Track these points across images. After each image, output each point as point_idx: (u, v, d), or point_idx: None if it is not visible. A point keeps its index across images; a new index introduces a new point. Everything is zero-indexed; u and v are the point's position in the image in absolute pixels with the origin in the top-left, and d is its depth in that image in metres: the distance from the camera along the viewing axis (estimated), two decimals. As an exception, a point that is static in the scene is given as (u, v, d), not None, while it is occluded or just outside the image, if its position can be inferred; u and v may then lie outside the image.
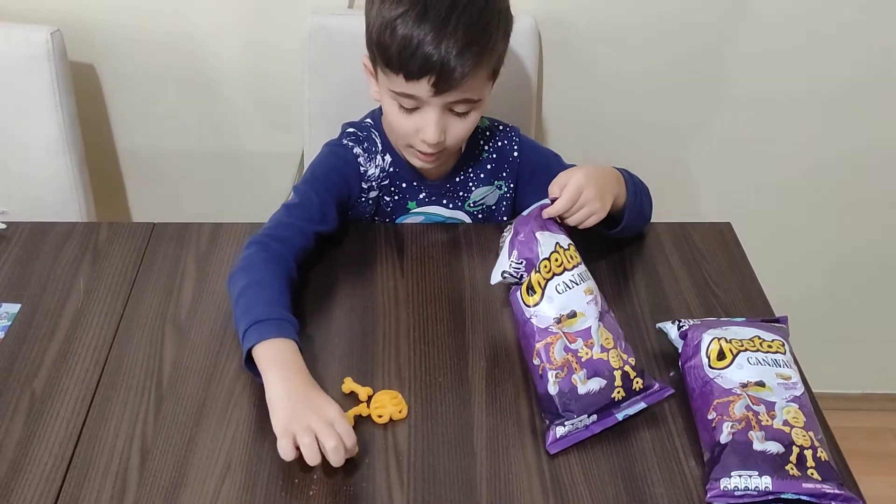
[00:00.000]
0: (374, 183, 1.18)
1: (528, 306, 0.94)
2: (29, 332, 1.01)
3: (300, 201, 1.11)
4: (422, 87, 1.02)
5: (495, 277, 0.98)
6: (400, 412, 0.92)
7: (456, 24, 1.00)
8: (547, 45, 1.43)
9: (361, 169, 1.17)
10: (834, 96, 1.51)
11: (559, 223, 1.02)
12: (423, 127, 1.06)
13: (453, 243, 1.16)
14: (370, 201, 1.19)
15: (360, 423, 0.91)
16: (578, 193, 1.01)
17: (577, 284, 0.94)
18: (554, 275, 0.94)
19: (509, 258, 0.97)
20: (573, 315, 0.92)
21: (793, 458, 0.83)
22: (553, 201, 1.01)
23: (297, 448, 0.83)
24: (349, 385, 0.94)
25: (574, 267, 0.95)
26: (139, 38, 1.43)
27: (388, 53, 1.02)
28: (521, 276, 0.96)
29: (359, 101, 1.23)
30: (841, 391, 1.93)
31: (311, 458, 0.83)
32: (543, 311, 0.93)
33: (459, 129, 1.09)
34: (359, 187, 1.18)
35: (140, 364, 0.97)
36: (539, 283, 0.93)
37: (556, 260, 0.94)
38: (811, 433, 0.86)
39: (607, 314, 0.96)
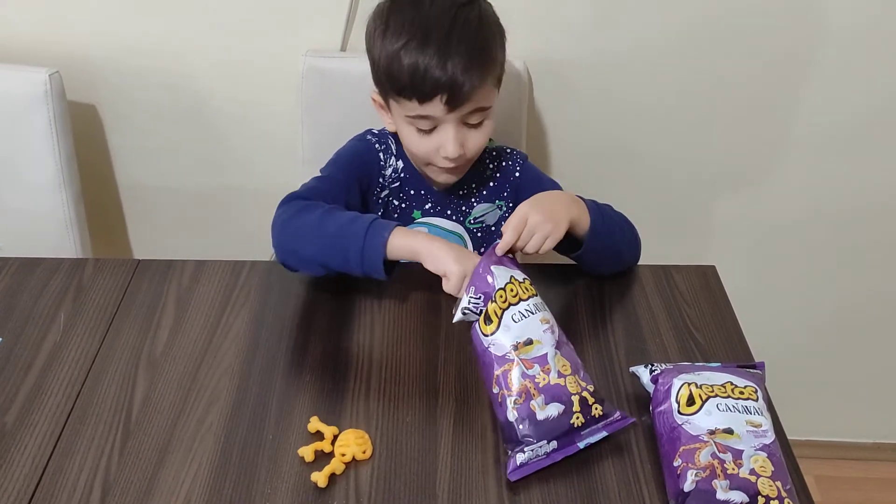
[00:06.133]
0: (387, 183, 1.23)
1: (486, 335, 0.94)
2: (7, 366, 1.02)
3: (329, 175, 1.18)
4: (436, 107, 1.08)
5: (457, 316, 0.98)
6: (364, 452, 0.91)
7: (458, 43, 1.06)
8: (537, 89, 1.45)
9: (381, 163, 1.23)
10: (833, 140, 1.50)
11: (513, 259, 1.02)
12: (444, 143, 1.12)
13: (434, 282, 1.16)
14: (381, 201, 1.23)
15: (323, 459, 0.90)
16: (523, 222, 1.02)
17: (533, 314, 0.94)
18: (510, 304, 0.94)
19: (468, 294, 0.97)
20: (529, 342, 0.92)
21: (758, 508, 0.81)
22: None
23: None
24: (315, 424, 0.93)
25: (529, 298, 0.96)
26: (138, 79, 1.46)
27: (399, 83, 1.09)
28: (481, 310, 0.96)
29: (352, 141, 1.25)
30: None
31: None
32: (500, 339, 0.93)
33: (477, 139, 1.14)
34: (377, 179, 1.23)
35: (111, 399, 0.98)
36: (495, 313, 0.94)
37: (512, 290, 0.95)
38: (779, 483, 0.84)
39: (566, 345, 0.96)
